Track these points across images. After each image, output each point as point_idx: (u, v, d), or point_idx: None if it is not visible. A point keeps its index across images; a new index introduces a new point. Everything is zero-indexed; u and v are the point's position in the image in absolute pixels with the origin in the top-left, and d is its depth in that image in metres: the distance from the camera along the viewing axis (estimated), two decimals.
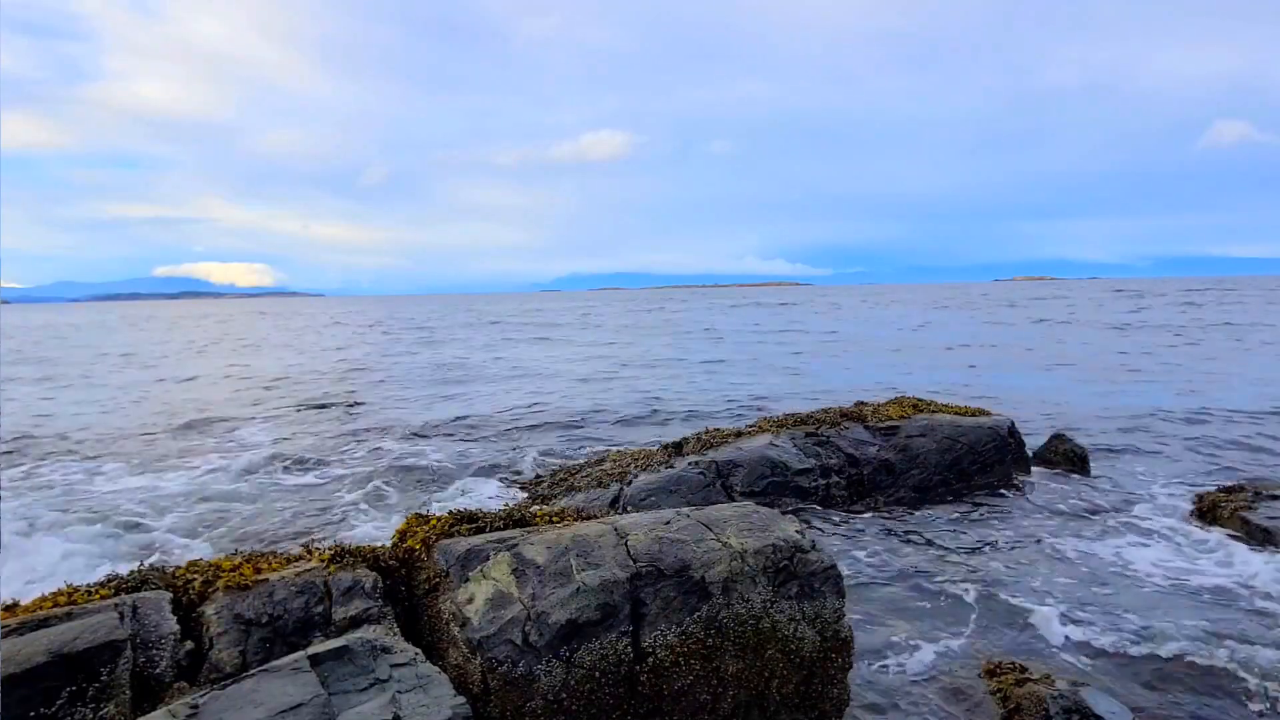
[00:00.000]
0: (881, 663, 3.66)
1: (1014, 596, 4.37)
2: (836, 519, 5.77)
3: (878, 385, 13.33)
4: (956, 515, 5.89)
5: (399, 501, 6.80)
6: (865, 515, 5.87)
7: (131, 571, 3.16)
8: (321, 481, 7.56)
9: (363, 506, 6.66)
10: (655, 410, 11.44)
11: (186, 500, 6.89)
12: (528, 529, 3.56)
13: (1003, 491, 6.47)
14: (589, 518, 3.73)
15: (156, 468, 8.20)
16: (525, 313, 57.64)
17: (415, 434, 9.82)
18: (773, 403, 11.66)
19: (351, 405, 12.46)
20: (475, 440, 9.45)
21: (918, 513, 5.94)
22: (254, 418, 11.38)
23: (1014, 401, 10.99)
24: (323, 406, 12.42)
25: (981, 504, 6.18)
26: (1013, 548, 5.17)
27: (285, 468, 8.07)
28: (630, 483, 5.82)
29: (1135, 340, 21.68)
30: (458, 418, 10.98)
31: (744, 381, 14.79)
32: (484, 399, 13.02)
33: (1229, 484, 6.03)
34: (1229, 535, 5.24)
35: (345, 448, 9.10)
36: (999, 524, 5.69)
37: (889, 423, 6.81)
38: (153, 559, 5.24)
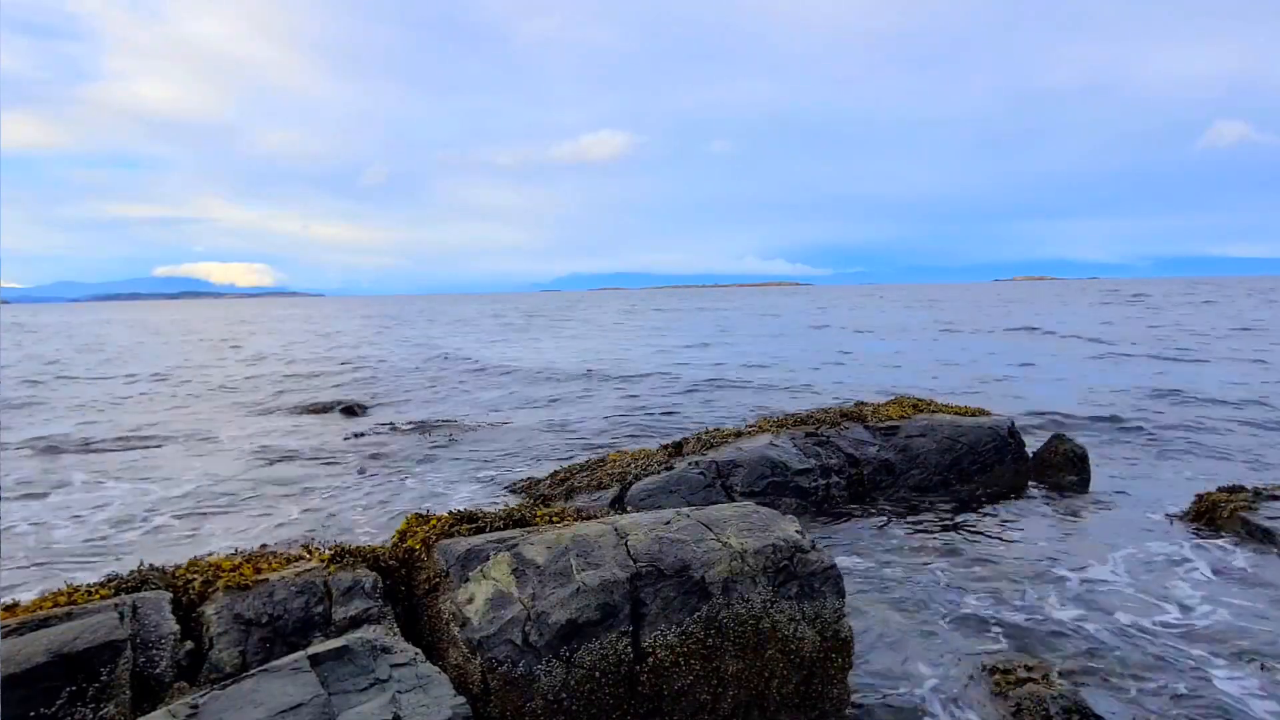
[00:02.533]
0: (881, 663, 3.66)
1: (1013, 596, 4.37)
2: (836, 519, 5.77)
3: None
4: (956, 515, 5.89)
5: (399, 502, 6.81)
6: (865, 515, 5.87)
7: (131, 571, 3.16)
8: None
9: (362, 507, 6.67)
10: None
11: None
12: (528, 529, 3.56)
13: (1003, 492, 6.47)
14: (589, 518, 3.73)
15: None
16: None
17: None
18: None
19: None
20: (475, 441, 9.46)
21: (918, 513, 5.94)
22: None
23: None
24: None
25: (981, 504, 6.18)
26: (1012, 548, 5.17)
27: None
28: (630, 483, 5.82)
29: None
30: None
31: None
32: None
33: (1229, 484, 6.02)
34: (1227, 541, 5.24)
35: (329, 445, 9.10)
36: (998, 524, 5.69)
37: (889, 423, 6.81)
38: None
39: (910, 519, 5.80)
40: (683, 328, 33.92)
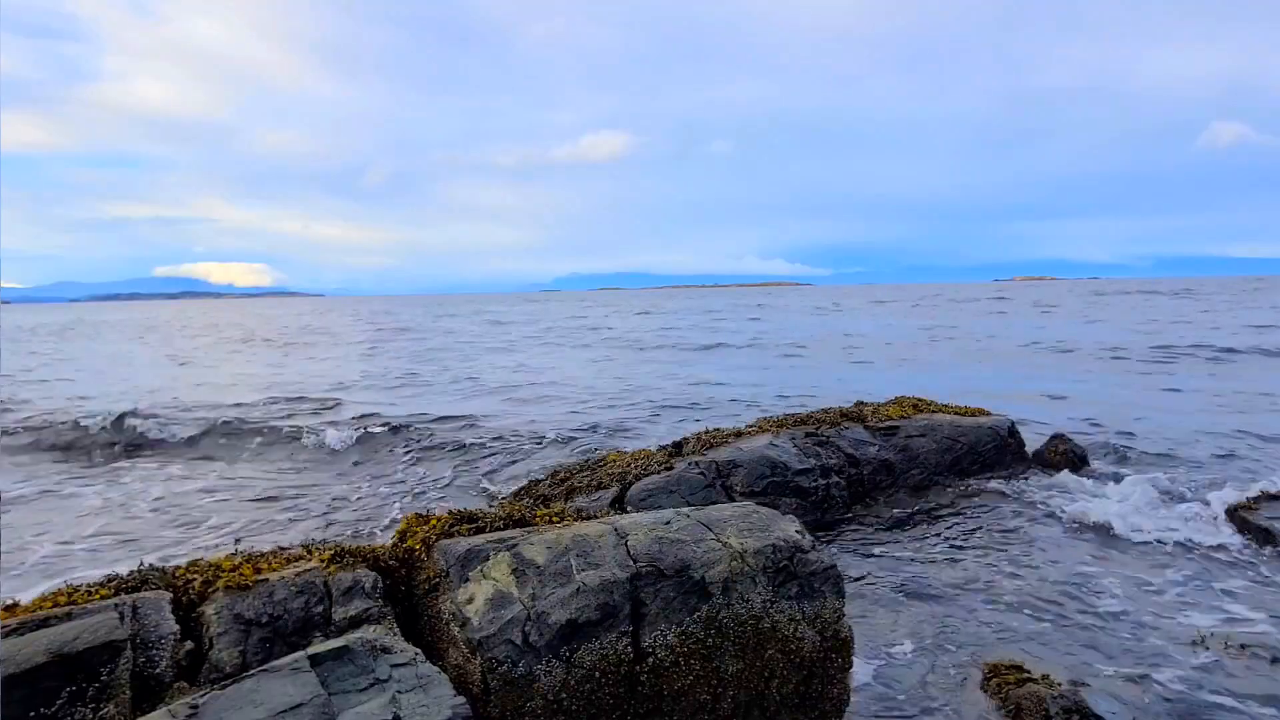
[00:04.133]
0: (881, 663, 3.66)
1: (1013, 596, 4.37)
2: (836, 519, 5.77)
3: None
4: (956, 515, 5.89)
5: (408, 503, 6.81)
6: (865, 515, 5.87)
7: (131, 571, 3.15)
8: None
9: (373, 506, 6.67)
10: None
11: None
12: (528, 529, 3.56)
13: (1002, 492, 6.46)
14: (589, 518, 3.73)
15: None
16: None
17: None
18: None
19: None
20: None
21: (917, 513, 5.94)
22: None
23: None
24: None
25: (981, 505, 6.18)
26: (1011, 548, 5.17)
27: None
28: (630, 483, 5.82)
29: None
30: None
31: None
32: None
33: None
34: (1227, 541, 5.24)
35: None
36: (997, 525, 5.69)
37: (889, 423, 6.81)
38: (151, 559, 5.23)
39: (910, 519, 5.80)
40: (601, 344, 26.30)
